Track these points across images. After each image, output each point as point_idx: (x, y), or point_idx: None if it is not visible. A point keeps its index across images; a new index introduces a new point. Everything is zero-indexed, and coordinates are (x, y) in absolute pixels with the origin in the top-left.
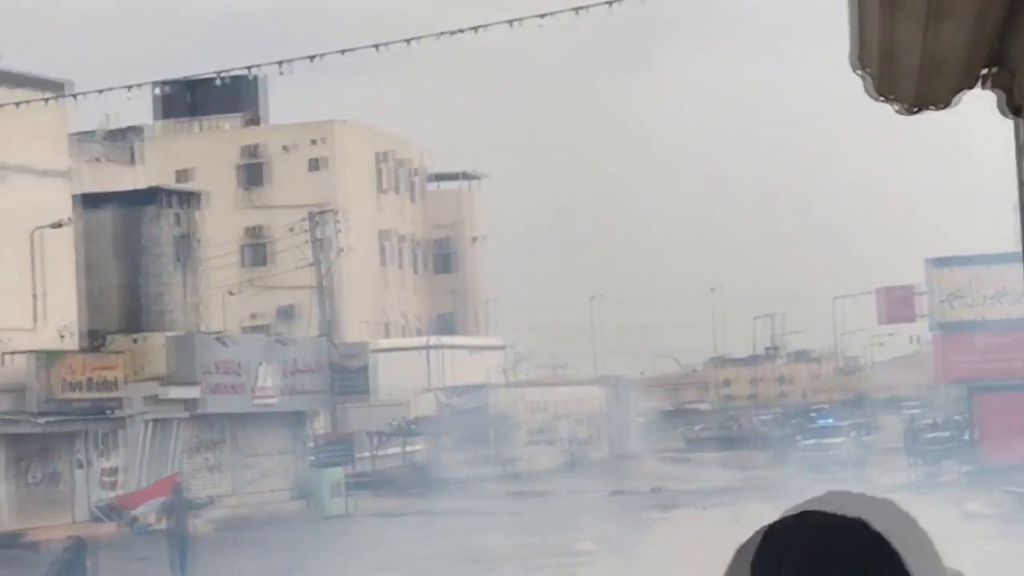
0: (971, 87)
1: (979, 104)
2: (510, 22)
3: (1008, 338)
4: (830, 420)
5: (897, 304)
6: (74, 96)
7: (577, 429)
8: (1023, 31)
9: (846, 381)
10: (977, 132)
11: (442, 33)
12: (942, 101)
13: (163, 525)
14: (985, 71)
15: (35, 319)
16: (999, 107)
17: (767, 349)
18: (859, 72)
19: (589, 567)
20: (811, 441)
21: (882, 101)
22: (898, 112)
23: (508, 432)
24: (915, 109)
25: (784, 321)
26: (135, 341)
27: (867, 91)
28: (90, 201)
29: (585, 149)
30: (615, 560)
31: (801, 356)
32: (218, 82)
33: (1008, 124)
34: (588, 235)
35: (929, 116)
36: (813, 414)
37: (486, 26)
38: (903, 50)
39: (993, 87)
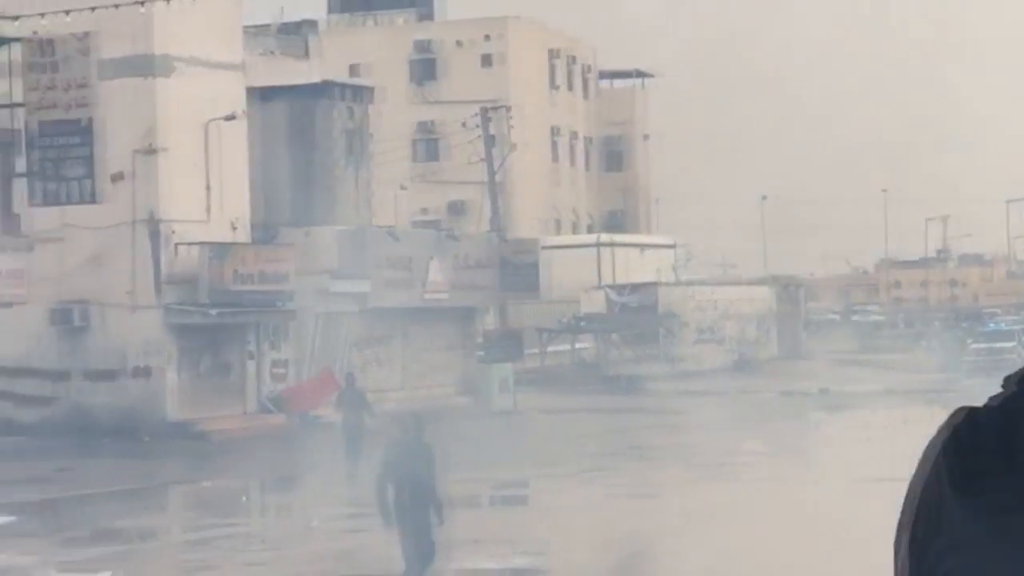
0: None
1: None
2: None
3: None
4: (1001, 324)
5: None
6: None
7: (746, 329)
8: None
9: (1018, 285)
10: None
11: None
12: None
13: (332, 417)
14: None
15: (208, 211)
16: None
17: (938, 252)
18: None
19: (755, 467)
20: (982, 345)
21: None
22: None
23: (676, 331)
24: None
25: (956, 224)
26: (306, 234)
27: None
28: (263, 94)
29: (759, 52)
30: (781, 460)
31: (973, 259)
32: None
33: None
34: (759, 135)
35: None
36: (984, 317)
37: None
38: None
39: None
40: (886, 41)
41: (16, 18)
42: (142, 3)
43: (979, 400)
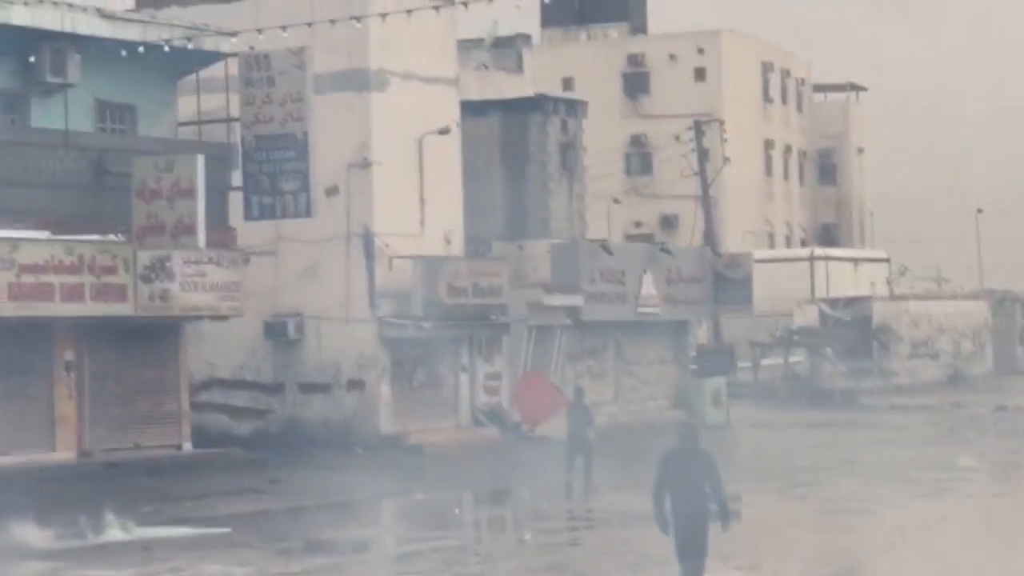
0: None
1: None
2: None
3: None
4: None
5: None
6: (464, 4)
7: (960, 343)
8: None
9: None
10: None
11: None
12: None
13: (545, 431)
14: None
15: (421, 225)
16: None
17: None
18: None
19: (970, 483)
20: None
21: None
22: None
23: (890, 345)
24: None
25: None
26: (519, 248)
27: None
28: (476, 108)
29: (973, 69)
30: (997, 478)
31: None
32: None
33: None
34: (973, 148)
35: None
36: None
37: None
38: None
39: None
40: None
41: (234, 34)
42: (357, 18)
43: None
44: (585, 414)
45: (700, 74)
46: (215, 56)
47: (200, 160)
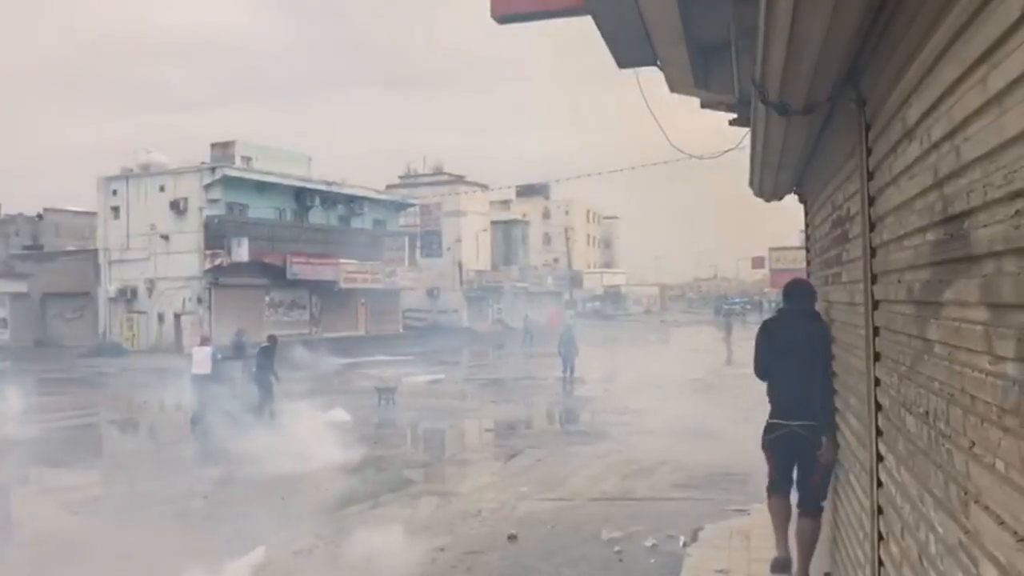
0: (790, 192)
1: None
2: (632, 168)
3: (797, 273)
4: (734, 301)
5: (758, 261)
6: (487, 188)
7: (650, 302)
8: (808, 174)
9: (739, 288)
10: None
11: (613, 170)
12: (780, 197)
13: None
14: (795, 187)
15: (476, 259)
16: (799, 198)
17: (713, 275)
18: (751, 187)
19: (653, 346)
20: (727, 307)
21: (759, 196)
22: (765, 201)
23: (625, 301)
24: (770, 200)
25: (719, 265)
26: (509, 267)
27: (754, 193)
28: (494, 223)
29: (656, 213)
30: (662, 344)
31: (724, 279)
32: (537, 186)
33: (799, 206)
34: (655, 236)
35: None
36: (727, 299)
37: (623, 169)
38: (766, 180)
39: (798, 192)
40: None
41: (418, 200)
42: (458, 193)
43: (723, 326)
44: (528, 323)
45: (567, 212)
46: (411, 205)
47: (406, 239)
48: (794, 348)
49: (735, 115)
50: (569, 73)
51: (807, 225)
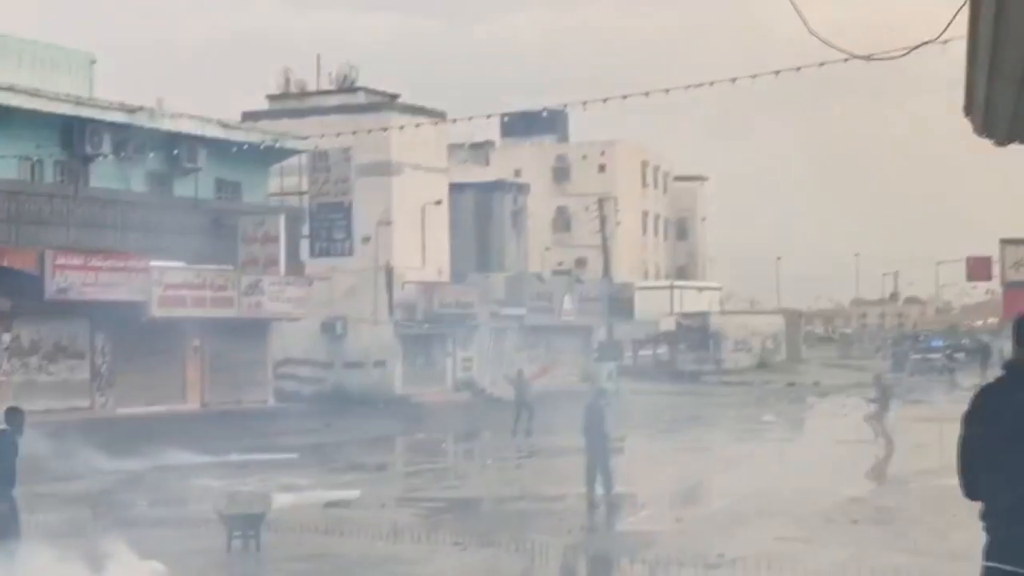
0: None
1: None
2: (733, 79)
3: None
4: (931, 342)
5: (978, 267)
6: (453, 121)
7: (765, 342)
8: None
9: (943, 317)
10: None
11: (688, 86)
12: None
13: (498, 394)
14: None
15: (422, 261)
16: None
17: (891, 295)
18: (968, 117)
19: (771, 431)
20: (918, 356)
21: (983, 137)
22: (994, 144)
23: (720, 343)
24: (1006, 142)
25: (904, 276)
26: (485, 277)
27: (973, 130)
28: (458, 188)
29: (772, 159)
30: (788, 427)
31: (913, 300)
32: (543, 114)
33: None
34: (777, 217)
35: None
36: (920, 337)
37: (712, 83)
38: (1000, 103)
39: None
40: (874, 157)
41: (306, 138)
42: (385, 129)
43: (917, 389)
44: (524, 386)
45: (602, 167)
46: (293, 152)
47: (282, 219)
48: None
49: None
50: None
51: None
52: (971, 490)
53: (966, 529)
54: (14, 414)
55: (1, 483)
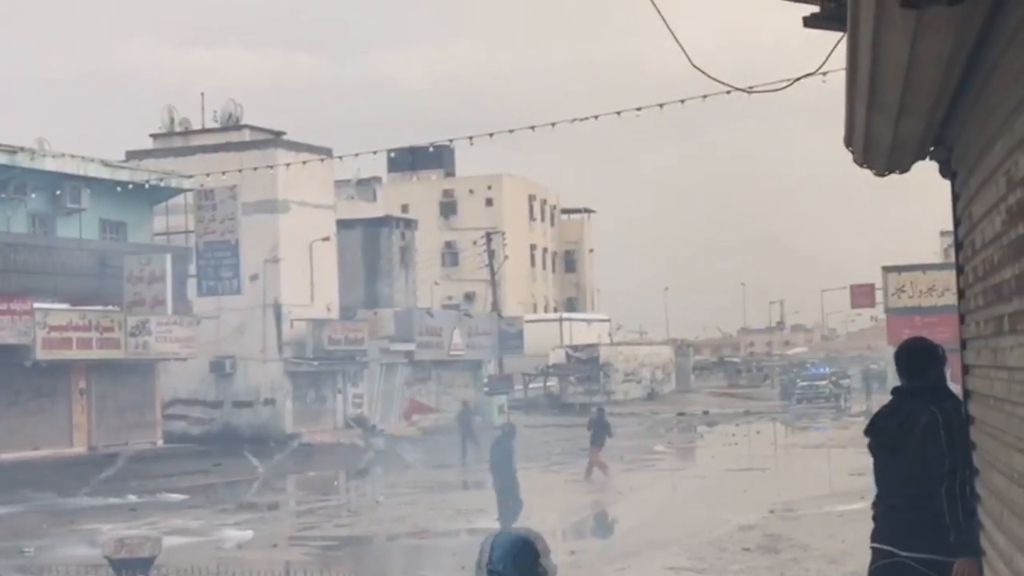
0: (922, 159)
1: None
2: (618, 112)
3: (934, 318)
4: (819, 369)
5: (862, 295)
6: (339, 157)
7: (655, 373)
8: (957, 122)
9: (828, 344)
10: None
11: (574, 119)
12: (904, 168)
13: (391, 431)
14: (932, 148)
15: (311, 298)
16: (940, 172)
17: (777, 323)
18: (849, 147)
19: (662, 461)
20: (805, 383)
21: (863, 167)
22: (874, 175)
23: (610, 374)
24: (885, 173)
25: (789, 304)
26: (374, 313)
27: (854, 160)
28: (346, 224)
29: (658, 191)
30: (679, 457)
31: (799, 328)
32: (430, 149)
33: (945, 183)
34: (665, 247)
35: (892, 177)
36: (807, 365)
37: (598, 116)
38: (879, 135)
39: (935, 159)
40: (756, 187)
41: (190, 177)
42: (271, 166)
43: (804, 416)
44: (469, 418)
45: (489, 202)
46: (178, 191)
47: (168, 258)
48: (894, 442)
49: (817, 7)
50: None
51: (958, 222)
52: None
53: (856, 556)
54: None
55: None
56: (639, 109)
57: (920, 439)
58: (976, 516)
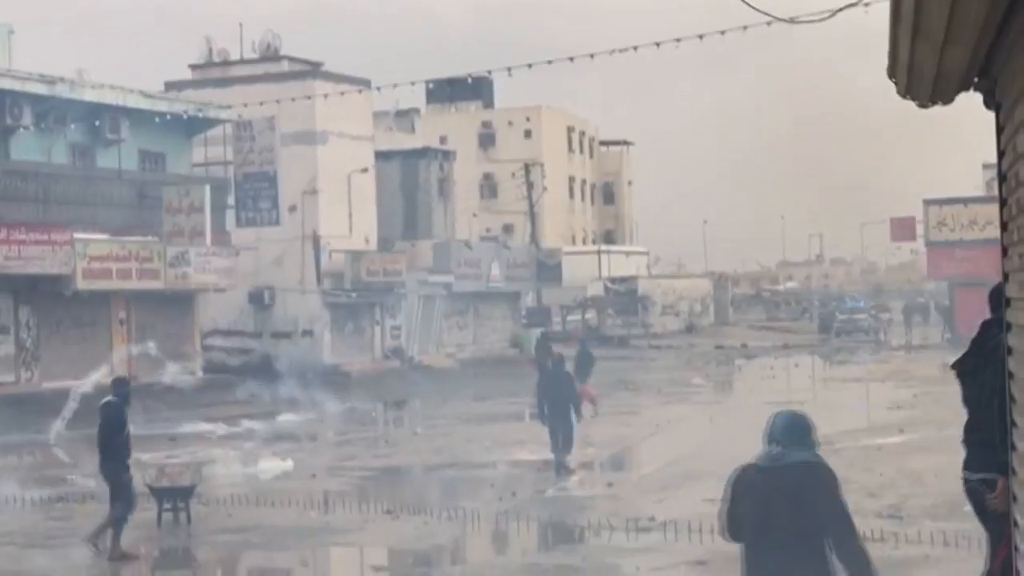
0: (966, 90)
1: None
2: (657, 44)
3: (975, 252)
4: (858, 302)
5: (903, 228)
6: (377, 89)
7: (693, 306)
8: (1003, 52)
9: (868, 278)
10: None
11: (613, 51)
12: (947, 99)
13: (428, 361)
14: (976, 79)
15: (349, 230)
16: (984, 103)
17: (816, 256)
18: (892, 79)
19: (700, 394)
20: (844, 316)
21: (906, 98)
22: (917, 106)
23: (648, 307)
24: (928, 104)
25: (829, 238)
26: (412, 245)
27: (897, 92)
28: (385, 156)
29: (697, 123)
30: (716, 390)
31: (839, 262)
32: (469, 80)
33: (990, 115)
34: (706, 179)
35: (935, 109)
36: (845, 298)
37: (637, 47)
38: (923, 64)
39: (980, 90)
40: (806, 114)
41: (229, 107)
42: (309, 97)
43: (843, 350)
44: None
45: (528, 134)
46: (217, 122)
47: (207, 189)
48: (970, 369)
49: None
50: None
51: (1002, 154)
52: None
53: (894, 489)
54: (122, 384)
55: (121, 453)
56: (678, 40)
57: (985, 365)
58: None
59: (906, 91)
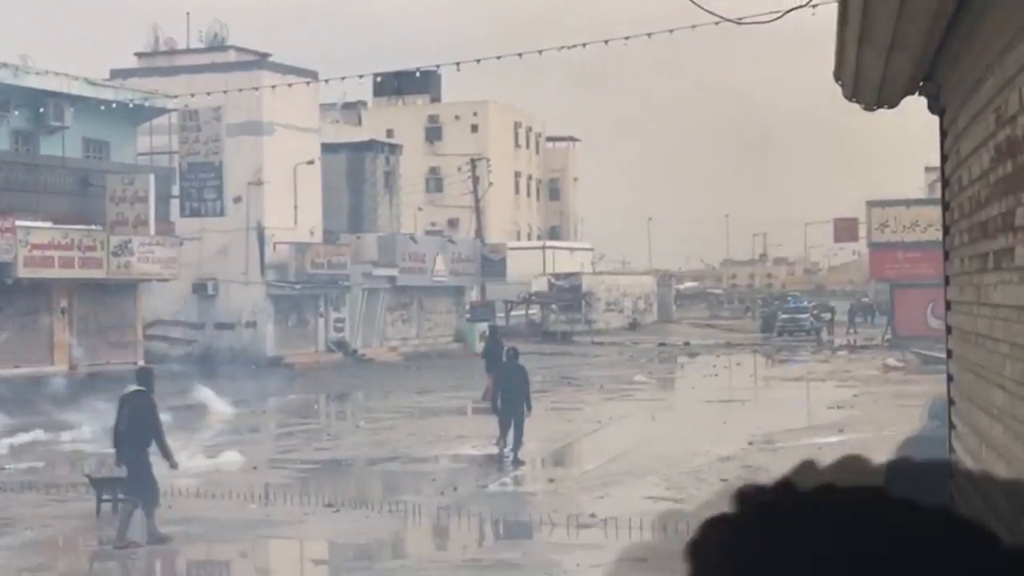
0: (911, 94)
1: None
2: (605, 41)
3: (917, 254)
4: (801, 302)
5: (846, 229)
6: (325, 80)
7: (636, 303)
8: (948, 58)
9: (810, 278)
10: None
11: (561, 47)
12: (893, 103)
13: (368, 355)
14: (921, 84)
15: (294, 222)
16: (929, 107)
17: (760, 255)
18: (838, 81)
19: (642, 391)
20: (787, 316)
21: (852, 101)
22: (863, 109)
23: (592, 303)
24: (874, 107)
25: (772, 237)
26: (357, 238)
27: (843, 94)
28: (330, 148)
29: (644, 122)
30: (659, 387)
31: (781, 261)
32: (416, 74)
33: (934, 119)
34: (651, 176)
35: (879, 112)
36: (788, 298)
37: (586, 44)
38: (869, 68)
39: (925, 95)
40: (746, 117)
41: (175, 96)
42: (256, 88)
43: (785, 349)
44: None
45: (475, 128)
46: (163, 111)
47: (151, 178)
48: None
49: None
50: None
51: (945, 158)
52: None
53: None
54: (146, 374)
55: (146, 442)
56: (627, 38)
57: None
58: None
59: (852, 94)
